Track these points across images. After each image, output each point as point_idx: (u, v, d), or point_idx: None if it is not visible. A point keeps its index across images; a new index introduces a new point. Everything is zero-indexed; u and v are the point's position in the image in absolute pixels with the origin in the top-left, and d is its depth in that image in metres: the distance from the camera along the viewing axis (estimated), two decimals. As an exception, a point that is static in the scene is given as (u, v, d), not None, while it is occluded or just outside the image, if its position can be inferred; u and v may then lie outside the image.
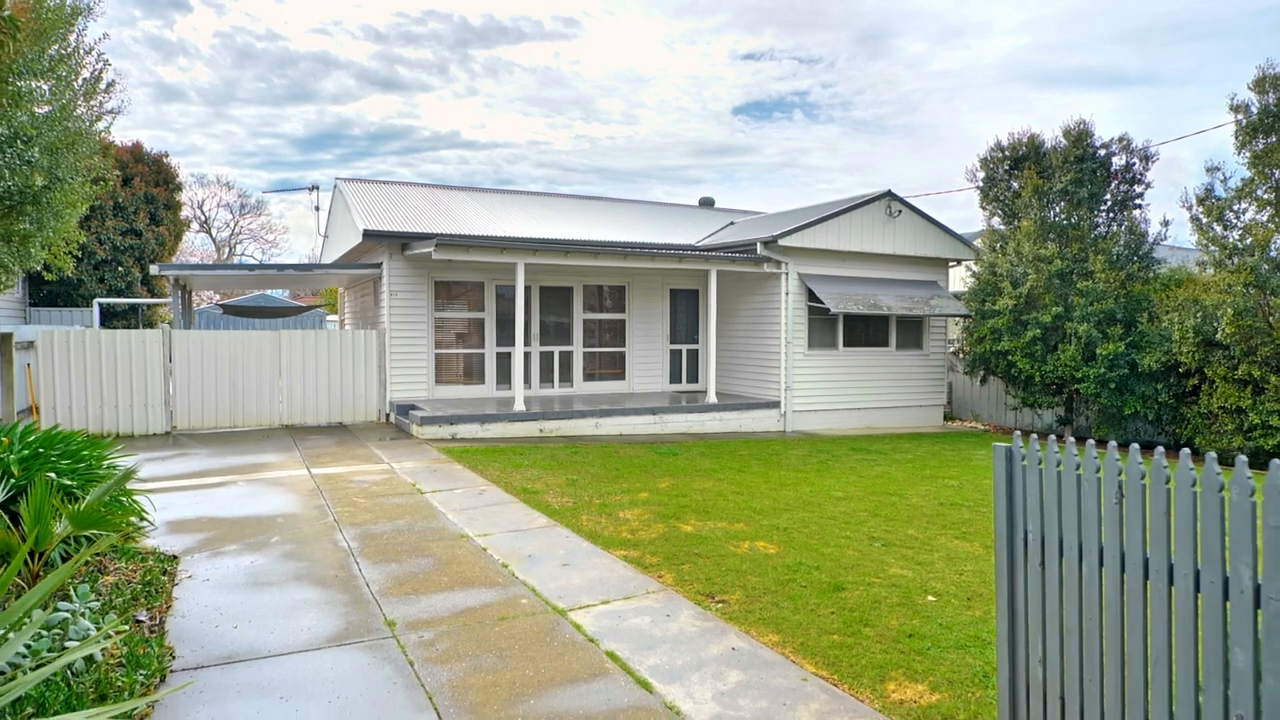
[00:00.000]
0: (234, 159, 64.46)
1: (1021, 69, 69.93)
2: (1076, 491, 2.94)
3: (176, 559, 6.03)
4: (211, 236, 46.32)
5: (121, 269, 19.61)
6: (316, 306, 27.99)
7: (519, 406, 13.17)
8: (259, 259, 48.18)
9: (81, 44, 7.21)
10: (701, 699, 3.94)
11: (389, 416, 14.15)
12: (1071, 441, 3.01)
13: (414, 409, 13.20)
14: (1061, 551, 3.01)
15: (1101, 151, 14.48)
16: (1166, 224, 14.47)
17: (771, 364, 15.40)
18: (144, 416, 12.68)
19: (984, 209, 16.46)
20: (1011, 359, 14.89)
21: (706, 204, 23.05)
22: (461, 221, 15.76)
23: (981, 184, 16.35)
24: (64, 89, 6.94)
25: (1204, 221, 12.65)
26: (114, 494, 5.70)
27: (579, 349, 16.14)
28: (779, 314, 15.17)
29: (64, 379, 12.19)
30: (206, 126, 61.72)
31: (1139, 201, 14.56)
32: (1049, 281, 14.32)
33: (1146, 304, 13.85)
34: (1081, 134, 14.56)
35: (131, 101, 17.56)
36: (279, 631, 4.67)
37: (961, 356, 16.93)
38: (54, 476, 5.35)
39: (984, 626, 4.92)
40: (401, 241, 14.21)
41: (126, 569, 5.59)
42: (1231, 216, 12.43)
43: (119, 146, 19.76)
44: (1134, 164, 14.47)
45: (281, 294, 33.77)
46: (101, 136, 8.01)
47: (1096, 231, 14.59)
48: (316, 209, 26.41)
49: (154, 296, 20.54)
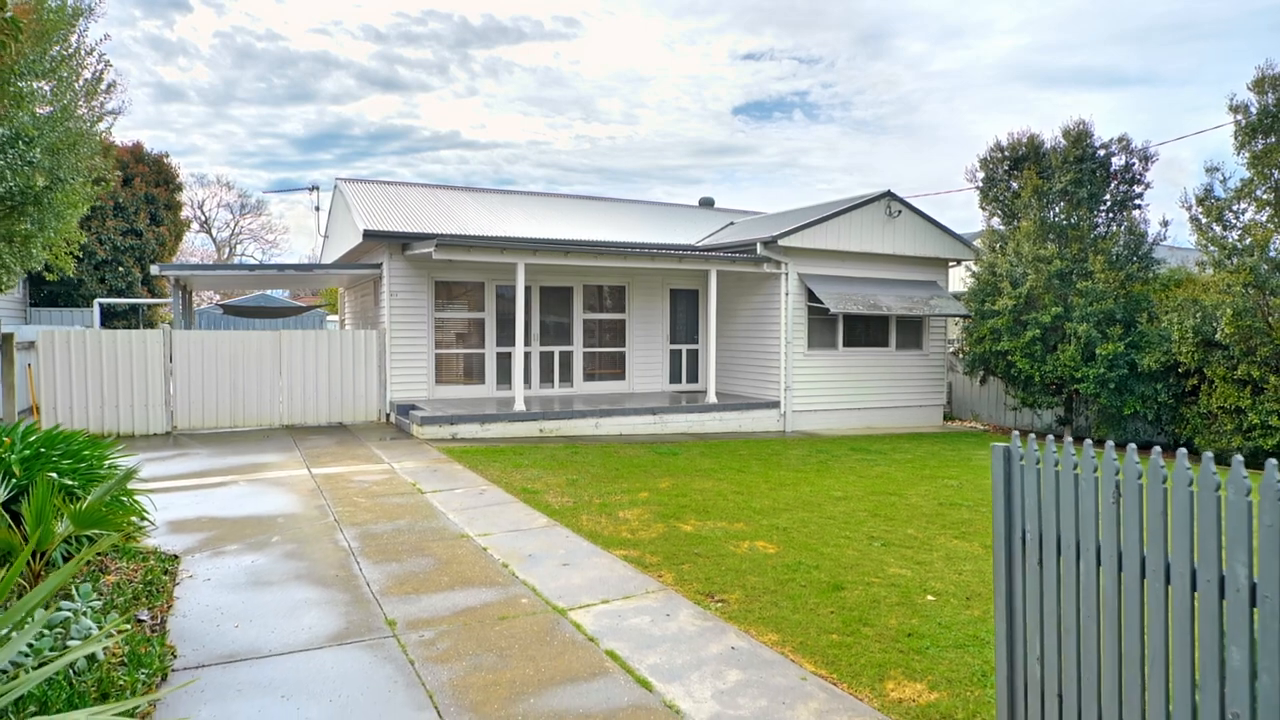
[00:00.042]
0: (234, 159, 64.57)
1: (1021, 69, 69.99)
2: (1074, 491, 2.95)
3: (177, 558, 6.05)
4: (212, 237, 46.38)
5: (122, 269, 19.64)
6: (317, 306, 28.00)
7: (519, 406, 13.19)
8: (259, 259, 48.22)
9: (83, 45, 7.23)
10: (701, 698, 3.95)
11: (389, 416, 14.17)
12: (1069, 441, 3.03)
13: (414, 409, 13.21)
14: (1059, 551, 3.03)
15: (1101, 152, 14.49)
16: (1166, 224, 14.48)
17: (771, 364, 15.42)
18: (144, 416, 12.69)
19: (984, 209, 16.47)
20: (1011, 359, 14.91)
21: (706, 204, 23.07)
22: (462, 221, 15.78)
23: (981, 184, 16.35)
24: (65, 90, 6.95)
25: (1203, 222, 12.66)
26: (115, 494, 5.72)
27: (579, 349, 16.16)
28: (779, 314, 15.19)
29: (65, 379, 12.21)
30: (206, 126, 61.83)
31: (1138, 202, 14.58)
32: (1048, 282, 14.34)
33: (1146, 304, 13.87)
34: (1081, 134, 14.57)
35: (132, 102, 17.58)
36: (280, 631, 4.69)
37: (961, 356, 16.95)
38: (55, 476, 5.37)
39: (983, 626, 4.94)
40: (402, 242, 14.23)
41: (128, 568, 5.61)
42: (1231, 217, 12.44)
43: (120, 147, 19.78)
44: (1133, 164, 14.48)
45: (282, 294, 33.79)
46: (103, 137, 8.02)
47: (1096, 232, 14.61)
48: (317, 209, 26.43)
49: (154, 296, 20.56)
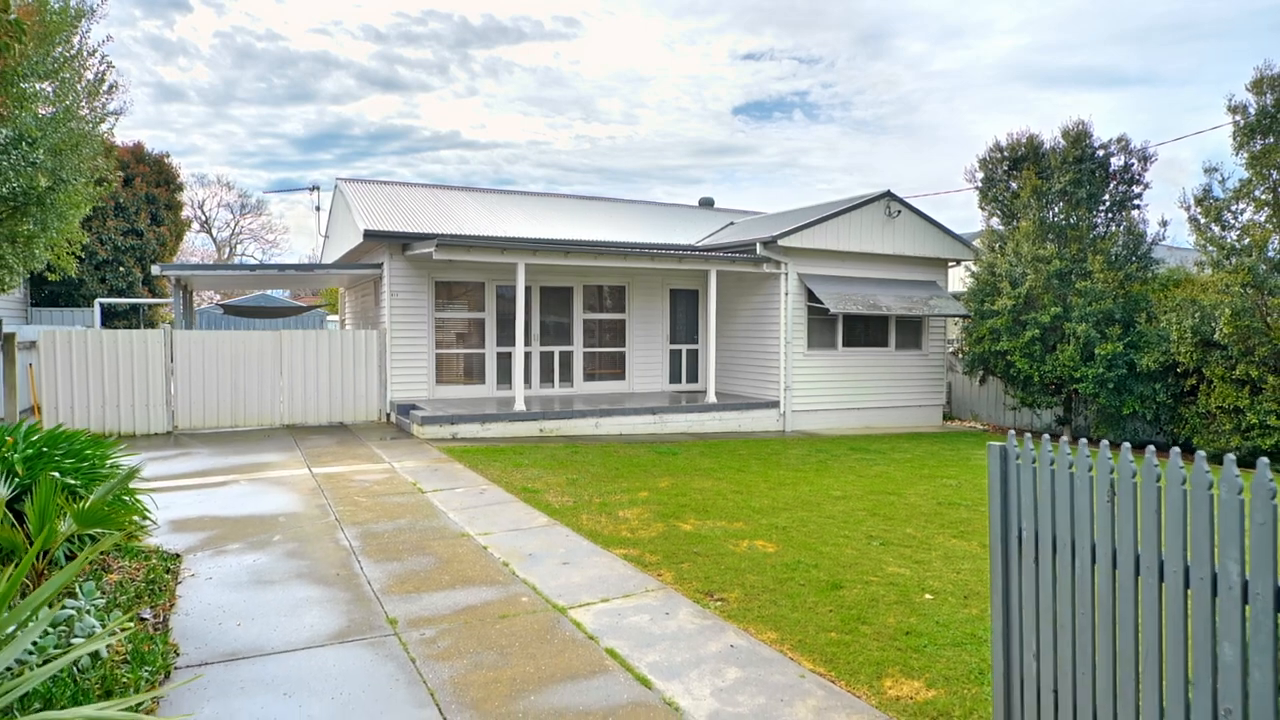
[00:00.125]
0: (234, 159, 64.61)
1: (1021, 69, 70.02)
2: (1069, 489, 2.98)
3: (179, 557, 6.08)
4: (212, 236, 46.41)
5: (123, 269, 19.66)
6: (317, 306, 28.03)
7: (519, 406, 13.22)
8: (259, 259, 48.26)
9: (85, 46, 7.26)
10: (700, 695, 3.98)
11: (390, 416, 14.20)
12: (1064, 440, 3.06)
13: (414, 409, 13.24)
14: (1055, 548, 3.05)
15: (1100, 152, 14.51)
16: (1165, 224, 14.49)
17: (771, 364, 15.45)
18: (146, 416, 12.72)
19: (983, 209, 16.49)
20: (1010, 359, 14.94)
21: (706, 204, 23.09)
22: (462, 222, 15.80)
23: (980, 184, 16.37)
24: (67, 91, 6.99)
25: (1202, 222, 12.68)
26: (117, 493, 5.75)
27: (579, 349, 16.19)
28: (778, 314, 15.22)
29: (66, 379, 12.23)
30: (206, 126, 61.87)
31: (1137, 202, 14.60)
32: (1048, 282, 14.36)
33: (1145, 304, 13.89)
34: (1080, 135, 14.59)
35: (133, 102, 17.65)
36: (282, 629, 4.72)
37: (960, 356, 16.97)
38: (58, 476, 5.40)
39: (980, 624, 4.97)
40: (402, 242, 14.25)
41: (130, 567, 5.64)
42: (1229, 217, 12.47)
43: (121, 147, 19.81)
44: (1132, 164, 14.51)
45: (282, 294, 33.82)
46: (105, 138, 8.05)
47: (1095, 232, 14.63)
48: (317, 209, 26.44)
49: (155, 296, 20.59)
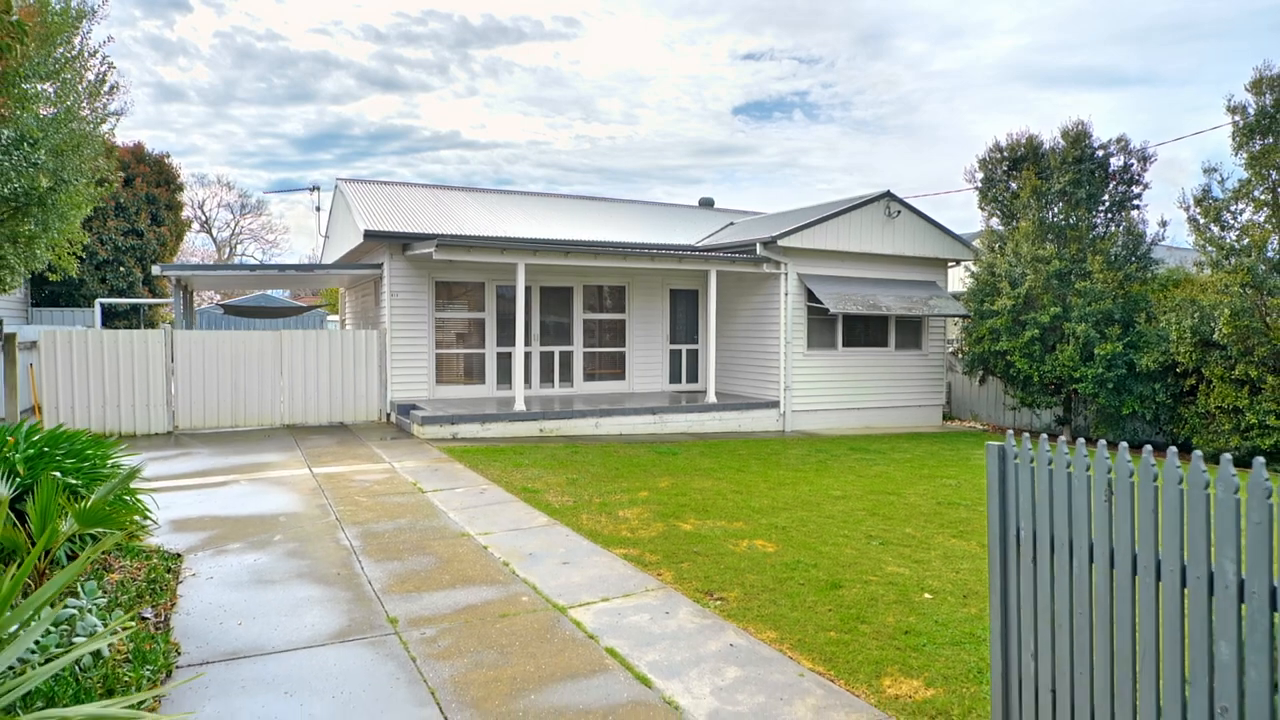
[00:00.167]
0: (234, 159, 64.63)
1: (1021, 69, 70.04)
2: (1067, 489, 2.99)
3: (180, 557, 6.09)
4: (212, 236, 46.43)
5: (123, 269, 19.67)
6: (317, 306, 28.05)
7: (519, 406, 13.23)
8: (259, 259, 48.28)
9: (86, 46, 7.28)
10: (700, 694, 4.00)
11: (390, 416, 14.21)
12: (1062, 440, 3.07)
13: (415, 409, 13.26)
14: (1053, 548, 3.07)
15: (1100, 152, 14.52)
16: (1164, 224, 14.49)
17: (771, 364, 15.46)
18: (146, 416, 12.74)
19: (982, 209, 16.50)
20: (1010, 359, 14.95)
21: (706, 204, 23.11)
22: (462, 222, 15.82)
23: (980, 185, 16.37)
24: (68, 91, 7.00)
25: (1201, 222, 12.70)
26: (118, 493, 5.76)
27: (579, 349, 16.20)
28: (778, 314, 15.24)
29: (66, 379, 12.25)
30: (206, 126, 61.89)
31: (1137, 202, 14.60)
32: (1047, 282, 14.38)
33: (1144, 304, 13.90)
34: (1080, 135, 14.60)
35: (133, 103, 17.65)
36: (283, 628, 4.73)
37: (960, 356, 16.98)
38: (59, 475, 5.42)
39: (979, 623, 4.98)
40: (402, 242, 14.27)
41: (131, 567, 5.66)
42: (1229, 217, 12.48)
43: (121, 147, 19.82)
44: (1132, 165, 14.51)
45: (282, 294, 33.84)
46: (106, 138, 8.06)
47: (1094, 232, 14.64)
48: (317, 209, 26.46)
49: (155, 296, 20.60)
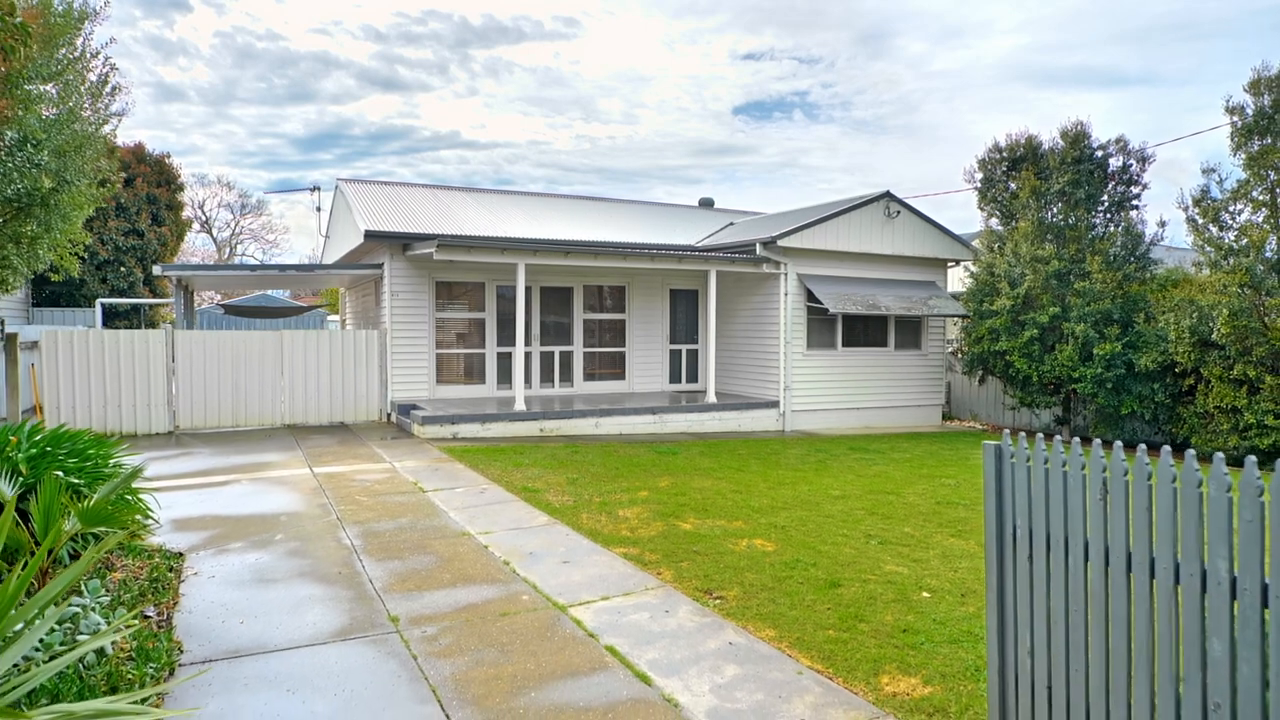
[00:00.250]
0: (234, 159, 64.66)
1: (1021, 69, 70.07)
2: (1063, 488, 3.02)
3: (182, 556, 6.12)
4: (212, 236, 46.47)
5: (124, 269, 19.70)
6: (318, 306, 28.08)
7: (519, 406, 13.26)
8: (259, 259, 48.32)
9: (88, 48, 7.30)
10: (699, 691, 4.02)
11: (390, 416, 14.24)
12: (1058, 439, 3.10)
13: (415, 409, 13.29)
14: (1048, 546, 3.10)
15: (1099, 153, 14.55)
16: (1163, 225, 14.52)
17: (770, 364, 15.49)
18: (147, 416, 12.76)
19: (982, 210, 16.52)
20: (1009, 359, 14.97)
21: (706, 204, 23.14)
22: (462, 222, 15.85)
23: (979, 185, 16.39)
24: (71, 92, 7.03)
25: (1200, 222, 12.72)
26: (120, 492, 5.79)
27: (579, 349, 16.23)
28: (778, 314, 15.26)
29: (68, 379, 12.27)
30: (207, 126, 61.92)
31: (1136, 202, 14.63)
32: (1046, 282, 14.40)
33: (1143, 304, 13.93)
34: (1079, 135, 14.63)
35: (134, 103, 17.66)
36: (285, 627, 4.76)
37: (960, 356, 17.01)
38: (61, 475, 5.44)
39: (977, 622, 5.01)
40: (403, 242, 14.30)
41: (133, 566, 5.68)
42: (1227, 217, 12.50)
43: (122, 148, 19.84)
44: (1131, 165, 14.54)
45: (282, 294, 33.87)
46: (108, 139, 8.09)
47: (1094, 232, 14.67)
48: (318, 209, 26.48)
49: (156, 296, 20.63)
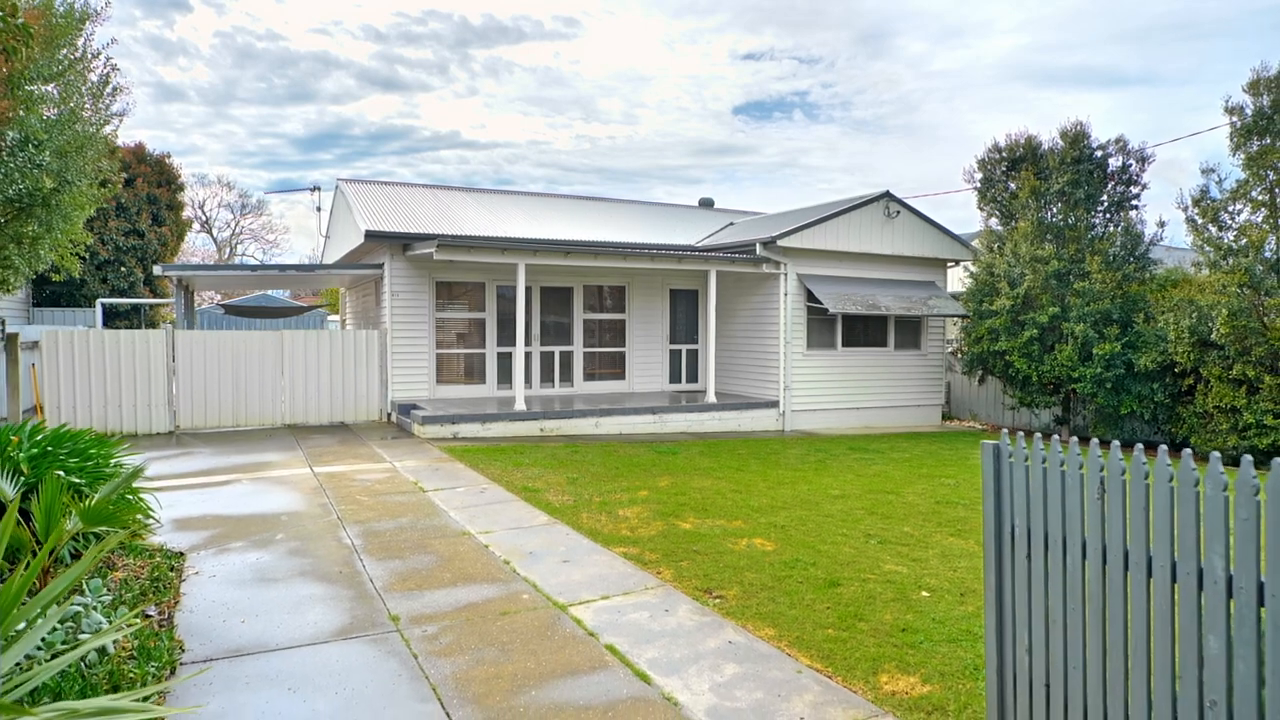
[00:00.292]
0: (234, 159, 64.67)
1: (1021, 69, 70.09)
2: (1060, 487, 3.04)
3: (183, 555, 6.13)
4: (212, 236, 46.48)
5: (124, 269, 19.71)
6: (318, 306, 28.10)
7: (520, 406, 13.27)
8: (259, 259, 48.33)
9: (89, 48, 7.32)
10: (699, 690, 4.04)
11: (390, 416, 14.26)
12: (1056, 439, 3.11)
13: (415, 408, 13.30)
14: (1046, 545, 3.11)
15: (1098, 153, 14.56)
16: (1162, 225, 14.53)
17: (770, 364, 15.50)
18: (148, 416, 12.78)
19: (981, 210, 16.53)
20: (1009, 359, 14.99)
21: (706, 204, 23.15)
22: (462, 222, 15.86)
23: (979, 185, 16.40)
24: (72, 93, 7.04)
25: (1199, 223, 12.74)
26: (121, 492, 5.80)
27: (579, 349, 16.25)
28: (778, 314, 15.28)
29: (68, 379, 12.29)
30: (207, 126, 61.93)
31: (1135, 203, 14.64)
32: (1046, 282, 14.41)
33: (1142, 304, 13.94)
34: (1078, 135, 14.64)
35: (135, 103, 17.63)
36: (285, 626, 4.77)
37: (959, 356, 17.02)
38: (63, 475, 5.45)
39: (976, 621, 5.02)
40: (403, 242, 14.31)
41: (135, 565, 5.70)
42: (1226, 218, 12.52)
43: (123, 148, 19.84)
44: (1130, 165, 14.55)
45: (283, 294, 33.88)
46: (109, 139, 8.10)
47: (1093, 232, 14.68)
48: (318, 209, 26.50)
49: (156, 296, 20.64)
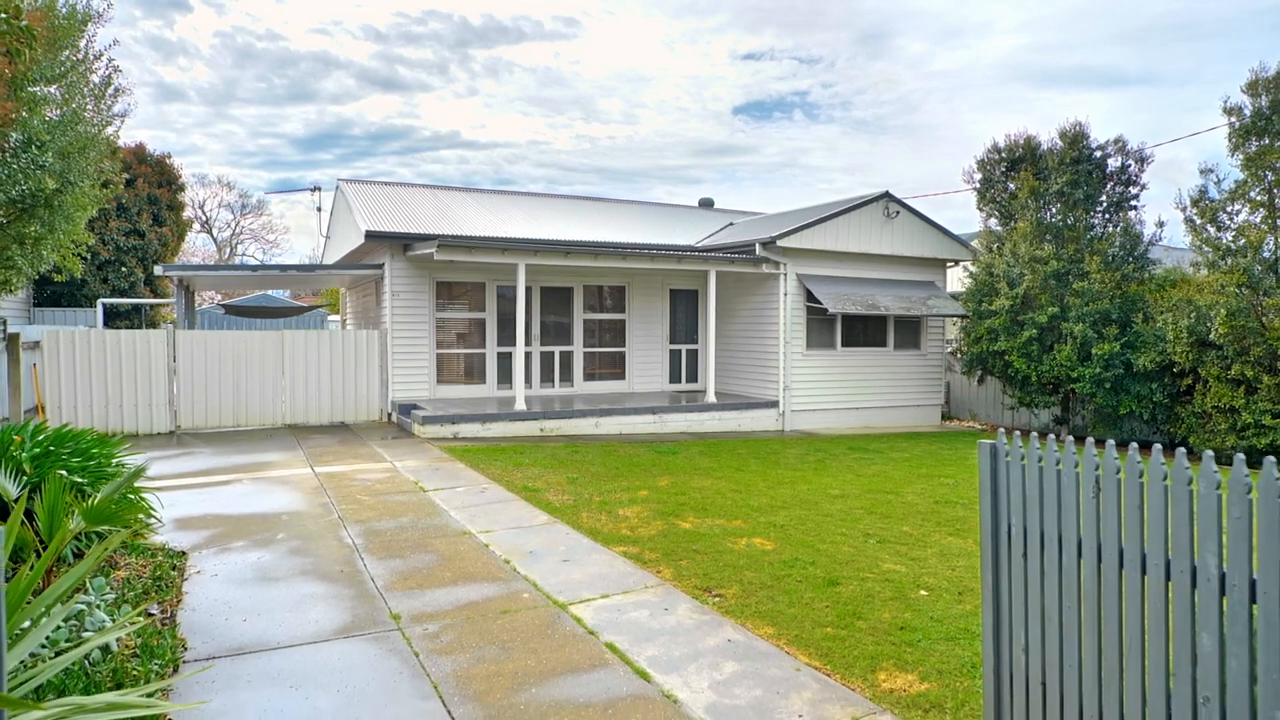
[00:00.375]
0: (234, 159, 64.69)
1: (1021, 69, 70.11)
2: (1056, 486, 3.06)
3: (185, 555, 6.16)
4: (213, 236, 46.50)
5: (125, 269, 19.73)
6: (318, 307, 28.12)
7: (520, 406, 13.30)
8: (260, 259, 48.35)
9: (91, 49, 7.34)
10: (698, 688, 4.07)
11: (391, 416, 14.28)
12: (1052, 438, 3.14)
13: (416, 408, 13.32)
14: (1042, 543, 3.14)
15: (1097, 153, 14.59)
16: (1161, 225, 14.56)
17: (770, 364, 15.53)
18: (148, 416, 12.81)
19: (981, 210, 16.56)
20: (1008, 359, 15.01)
21: (706, 204, 23.18)
22: (462, 222, 15.89)
23: (978, 185, 16.43)
24: (74, 94, 7.07)
25: (1198, 223, 12.76)
26: (124, 491, 5.83)
27: (579, 349, 16.27)
28: (777, 314, 15.30)
29: (69, 379, 12.32)
30: (207, 126, 61.96)
31: (1134, 203, 14.66)
32: (1045, 282, 14.44)
33: (1141, 304, 13.97)
34: (1077, 136, 14.66)
35: (136, 104, 17.66)
36: (287, 624, 4.80)
37: (959, 356, 17.05)
38: (65, 474, 5.48)
39: (974, 620, 5.05)
40: (403, 242, 14.33)
41: (137, 564, 5.72)
42: (1225, 218, 12.54)
43: (124, 148, 19.86)
44: (1129, 165, 14.58)
45: (283, 294, 33.91)
46: (110, 139, 8.13)
47: (1092, 233, 14.71)
48: (319, 210, 26.54)
49: (157, 296, 20.66)
